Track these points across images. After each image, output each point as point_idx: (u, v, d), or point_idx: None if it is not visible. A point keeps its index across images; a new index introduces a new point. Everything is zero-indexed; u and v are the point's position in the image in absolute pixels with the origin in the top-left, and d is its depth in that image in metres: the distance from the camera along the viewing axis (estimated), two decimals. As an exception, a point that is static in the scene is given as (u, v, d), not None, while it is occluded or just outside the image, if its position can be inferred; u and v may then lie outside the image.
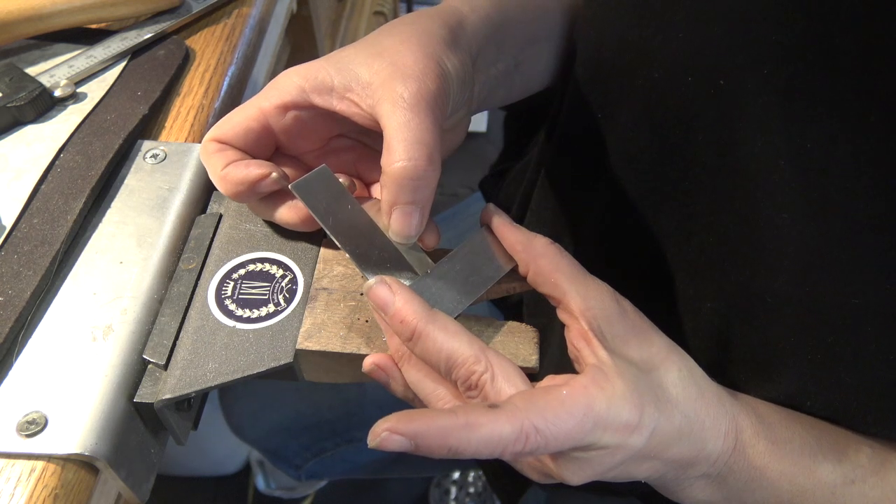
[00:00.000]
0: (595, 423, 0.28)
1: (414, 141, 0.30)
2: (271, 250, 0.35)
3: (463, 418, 0.26)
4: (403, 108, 0.31)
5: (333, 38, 0.88)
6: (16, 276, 0.33)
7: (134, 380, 0.31)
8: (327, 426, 0.67)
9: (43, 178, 0.37)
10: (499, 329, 0.33)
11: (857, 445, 0.34)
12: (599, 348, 0.30)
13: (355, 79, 0.33)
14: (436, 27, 0.34)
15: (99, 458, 0.29)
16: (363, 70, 0.32)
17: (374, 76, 0.32)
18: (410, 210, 0.31)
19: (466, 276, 0.33)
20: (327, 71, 0.33)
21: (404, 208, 0.31)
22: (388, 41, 0.33)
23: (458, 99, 0.35)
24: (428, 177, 0.31)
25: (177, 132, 0.41)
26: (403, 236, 0.32)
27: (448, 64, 0.33)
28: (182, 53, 0.44)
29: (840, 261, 0.30)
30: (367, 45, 0.34)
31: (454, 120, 0.37)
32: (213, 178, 0.34)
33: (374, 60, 0.33)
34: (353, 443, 0.67)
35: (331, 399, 0.67)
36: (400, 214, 0.31)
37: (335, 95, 0.33)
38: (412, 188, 0.31)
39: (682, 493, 0.34)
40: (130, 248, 0.35)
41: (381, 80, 0.32)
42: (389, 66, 0.32)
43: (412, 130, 0.30)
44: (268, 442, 0.71)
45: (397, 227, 0.32)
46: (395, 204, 0.31)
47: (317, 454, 0.69)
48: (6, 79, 0.40)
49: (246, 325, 0.32)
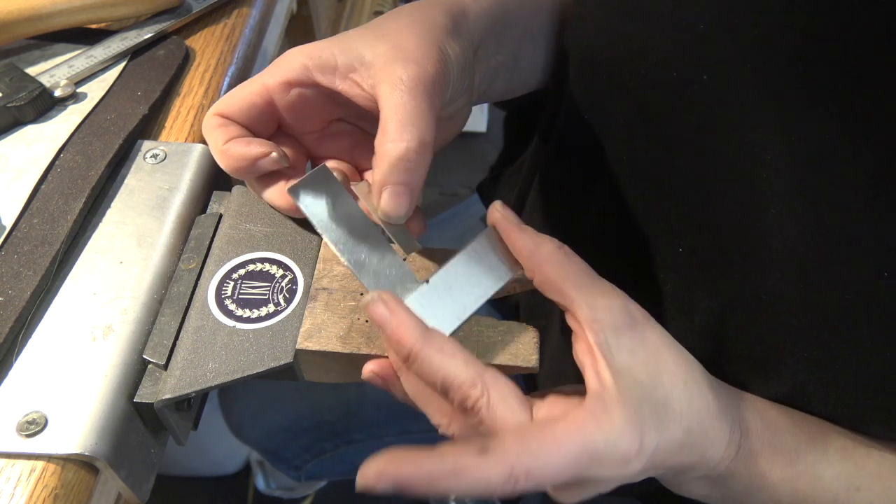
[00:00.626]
0: (591, 460, 0.27)
1: (408, 122, 0.30)
2: (271, 250, 0.35)
3: (451, 463, 0.26)
4: (401, 91, 0.31)
5: (333, 38, 0.87)
6: (16, 276, 0.33)
7: (134, 380, 0.31)
8: (327, 427, 0.67)
9: (43, 178, 0.37)
10: (499, 329, 0.33)
11: (866, 450, 0.33)
12: (604, 368, 0.29)
13: (358, 59, 0.33)
14: (438, 15, 0.35)
15: (99, 458, 0.29)
16: (366, 51, 0.33)
17: (377, 57, 0.33)
18: (400, 190, 0.31)
19: (470, 281, 0.32)
20: (331, 50, 0.33)
21: (394, 188, 0.31)
22: (391, 25, 0.34)
23: (458, 86, 0.35)
24: (419, 159, 0.31)
25: (177, 132, 0.41)
26: (392, 215, 0.32)
27: (449, 50, 0.34)
28: (182, 53, 0.44)
29: (836, 255, 0.30)
30: (371, 28, 0.35)
31: (453, 108, 0.38)
32: (214, 152, 0.35)
33: (377, 42, 0.33)
34: (352, 444, 0.67)
35: (331, 400, 0.67)
36: (390, 194, 0.31)
37: (338, 75, 0.34)
38: (403, 168, 0.31)
39: (680, 487, 0.34)
40: (130, 248, 0.35)
41: (383, 61, 0.32)
42: (392, 49, 0.32)
43: (407, 112, 0.31)
44: (267, 443, 0.71)
45: (386, 205, 0.31)
46: (386, 184, 0.31)
47: (316, 455, 0.69)
48: (6, 79, 0.40)
49: (246, 325, 0.32)
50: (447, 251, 0.35)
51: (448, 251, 0.35)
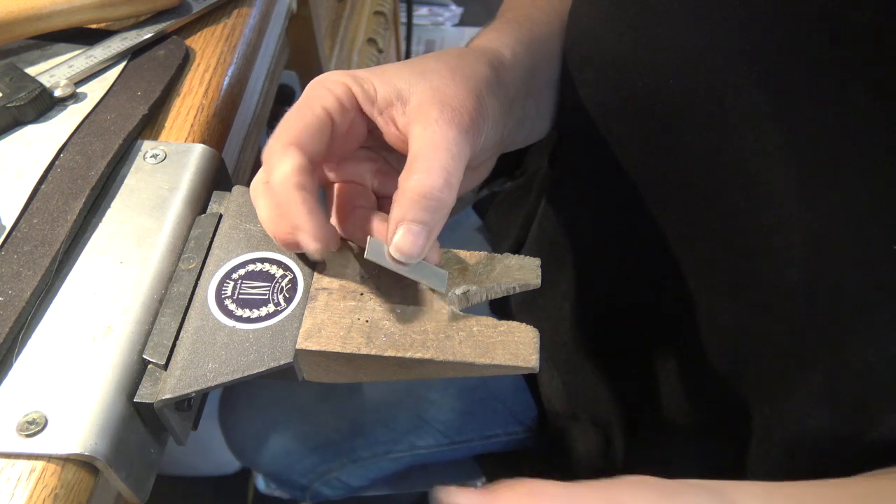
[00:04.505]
0: None
1: (437, 162, 0.29)
2: (271, 250, 0.35)
3: None
4: (434, 131, 0.30)
5: (333, 38, 0.88)
6: (16, 276, 0.33)
7: (134, 380, 0.31)
8: (332, 448, 0.66)
9: (43, 178, 0.37)
10: (499, 329, 0.33)
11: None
12: None
13: (396, 93, 0.32)
14: (481, 65, 0.34)
15: (99, 458, 0.29)
16: (404, 86, 0.32)
17: (414, 96, 0.32)
18: (417, 230, 0.30)
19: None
20: (371, 82, 0.33)
21: (412, 226, 0.30)
22: (433, 65, 0.33)
23: (491, 138, 0.35)
24: (443, 199, 0.30)
25: (177, 132, 0.41)
26: (405, 254, 0.30)
27: (487, 103, 0.33)
28: (182, 53, 0.44)
29: (845, 246, 0.30)
30: (411, 65, 0.34)
31: (481, 159, 0.37)
32: (296, 214, 0.30)
33: (416, 80, 0.32)
34: (358, 462, 0.66)
35: (336, 420, 0.65)
36: (405, 231, 0.30)
37: (376, 108, 0.33)
38: (424, 207, 0.29)
39: None
40: (130, 248, 0.35)
41: (420, 101, 0.31)
42: (430, 90, 0.32)
43: (438, 153, 0.30)
44: (272, 465, 0.68)
45: (401, 242, 0.30)
46: (403, 220, 0.30)
47: (322, 475, 0.68)
48: (6, 79, 0.40)
49: (246, 325, 0.32)
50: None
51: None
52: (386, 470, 0.65)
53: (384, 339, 0.32)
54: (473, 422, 0.63)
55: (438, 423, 0.62)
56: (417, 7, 1.82)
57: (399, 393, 0.63)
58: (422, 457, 0.64)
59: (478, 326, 0.33)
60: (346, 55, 0.94)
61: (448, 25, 1.84)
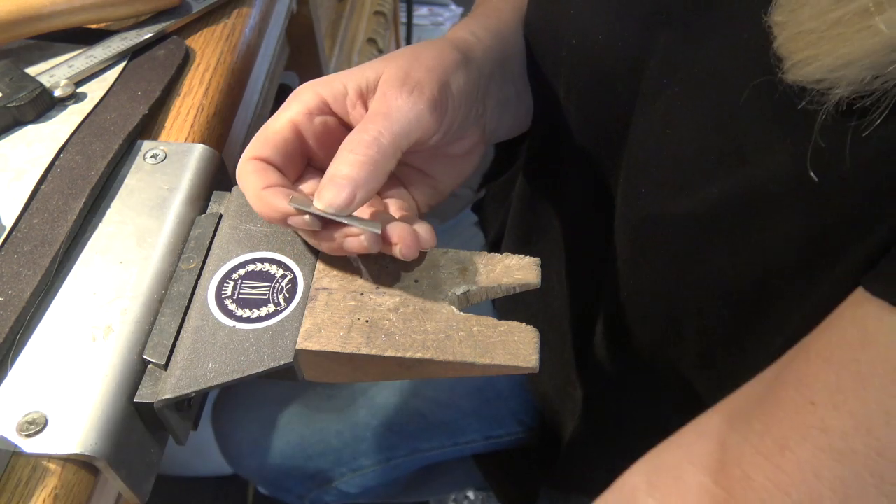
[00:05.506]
0: None
1: (372, 124, 0.31)
2: (271, 250, 0.35)
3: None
4: (380, 100, 0.32)
5: (333, 38, 0.87)
6: (16, 276, 0.33)
7: (134, 380, 0.31)
8: (333, 455, 0.64)
9: (43, 178, 0.37)
10: (499, 329, 0.33)
11: None
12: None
13: (364, 80, 0.34)
14: (447, 48, 0.36)
15: (99, 458, 0.29)
16: (371, 73, 0.34)
17: (381, 77, 0.34)
18: (343, 183, 0.30)
19: None
20: (340, 80, 0.34)
21: (337, 179, 0.30)
22: (401, 53, 0.35)
23: (465, 113, 0.36)
24: (370, 155, 0.30)
25: (177, 132, 0.41)
26: (330, 206, 0.30)
27: (452, 80, 0.35)
28: (182, 53, 0.44)
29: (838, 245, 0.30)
30: (383, 57, 0.36)
31: (467, 143, 0.39)
32: (251, 197, 0.32)
33: (382, 64, 0.34)
34: (359, 471, 0.64)
35: (338, 424, 0.64)
36: (332, 184, 0.30)
37: (349, 102, 0.34)
38: (349, 162, 0.30)
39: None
40: (130, 248, 0.35)
41: (385, 79, 0.33)
42: (395, 69, 0.34)
43: (377, 117, 0.32)
44: (269, 472, 0.66)
45: (326, 194, 0.30)
46: (334, 174, 0.31)
47: (322, 484, 0.66)
48: (6, 79, 0.40)
49: (246, 325, 0.32)
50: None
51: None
52: (386, 479, 0.65)
53: (384, 339, 0.32)
54: (478, 422, 0.63)
55: (444, 425, 0.62)
56: (417, 7, 1.82)
57: (405, 394, 0.63)
58: (423, 459, 0.64)
59: (478, 326, 0.33)
60: (346, 55, 0.94)
61: (448, 25, 1.85)
